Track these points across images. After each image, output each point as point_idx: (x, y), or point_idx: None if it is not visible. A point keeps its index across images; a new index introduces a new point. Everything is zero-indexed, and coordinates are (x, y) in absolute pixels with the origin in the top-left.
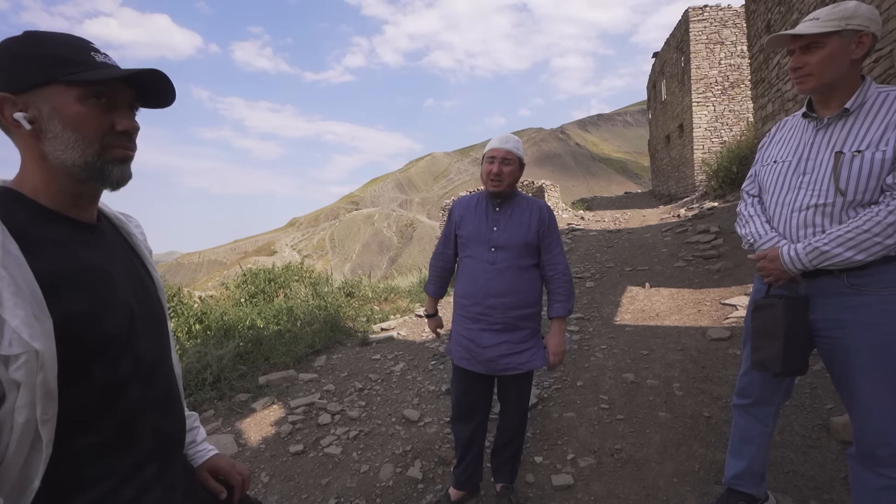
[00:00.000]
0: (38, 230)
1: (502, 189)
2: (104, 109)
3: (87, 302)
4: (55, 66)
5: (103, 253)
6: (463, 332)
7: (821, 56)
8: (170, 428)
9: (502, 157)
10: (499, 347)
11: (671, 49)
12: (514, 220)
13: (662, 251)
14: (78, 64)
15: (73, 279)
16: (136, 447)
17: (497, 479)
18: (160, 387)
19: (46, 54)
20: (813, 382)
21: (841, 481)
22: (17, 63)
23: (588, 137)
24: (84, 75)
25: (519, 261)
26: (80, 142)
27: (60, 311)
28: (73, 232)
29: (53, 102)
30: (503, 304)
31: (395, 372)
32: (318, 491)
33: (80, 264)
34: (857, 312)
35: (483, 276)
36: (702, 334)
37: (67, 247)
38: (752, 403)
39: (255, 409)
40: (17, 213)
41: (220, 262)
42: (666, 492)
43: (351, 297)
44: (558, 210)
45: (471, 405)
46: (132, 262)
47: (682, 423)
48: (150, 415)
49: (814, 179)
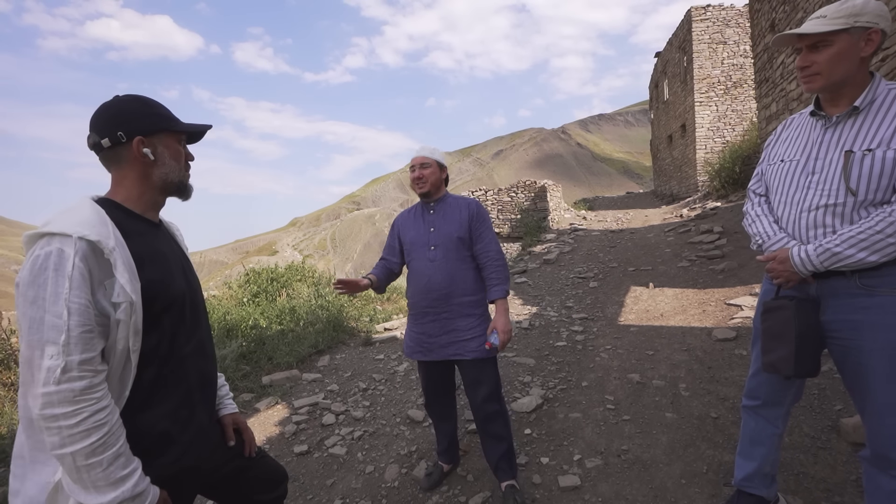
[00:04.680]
0: (129, 225)
1: (427, 189)
2: (183, 147)
3: (160, 273)
4: (164, 121)
5: (164, 243)
6: (415, 328)
7: (828, 54)
8: (207, 370)
9: (420, 163)
10: (449, 335)
11: (673, 49)
12: (447, 219)
13: (666, 251)
14: (174, 120)
15: (150, 258)
16: (186, 380)
17: (499, 478)
18: (201, 339)
19: (159, 113)
20: (821, 383)
21: (852, 483)
22: (142, 117)
23: (589, 137)
24: (179, 126)
25: (456, 253)
26: (177, 168)
27: (145, 278)
28: (148, 227)
29: (165, 143)
30: (445, 294)
31: (398, 372)
32: (324, 491)
33: (154, 248)
34: (869, 314)
35: (426, 273)
36: (707, 335)
37: (145, 237)
38: (762, 405)
39: (259, 409)
40: (116, 213)
41: (221, 261)
42: (674, 493)
43: (353, 296)
44: (560, 210)
45: (433, 390)
46: (179, 252)
47: (689, 423)
48: (195, 358)
49: (823, 179)
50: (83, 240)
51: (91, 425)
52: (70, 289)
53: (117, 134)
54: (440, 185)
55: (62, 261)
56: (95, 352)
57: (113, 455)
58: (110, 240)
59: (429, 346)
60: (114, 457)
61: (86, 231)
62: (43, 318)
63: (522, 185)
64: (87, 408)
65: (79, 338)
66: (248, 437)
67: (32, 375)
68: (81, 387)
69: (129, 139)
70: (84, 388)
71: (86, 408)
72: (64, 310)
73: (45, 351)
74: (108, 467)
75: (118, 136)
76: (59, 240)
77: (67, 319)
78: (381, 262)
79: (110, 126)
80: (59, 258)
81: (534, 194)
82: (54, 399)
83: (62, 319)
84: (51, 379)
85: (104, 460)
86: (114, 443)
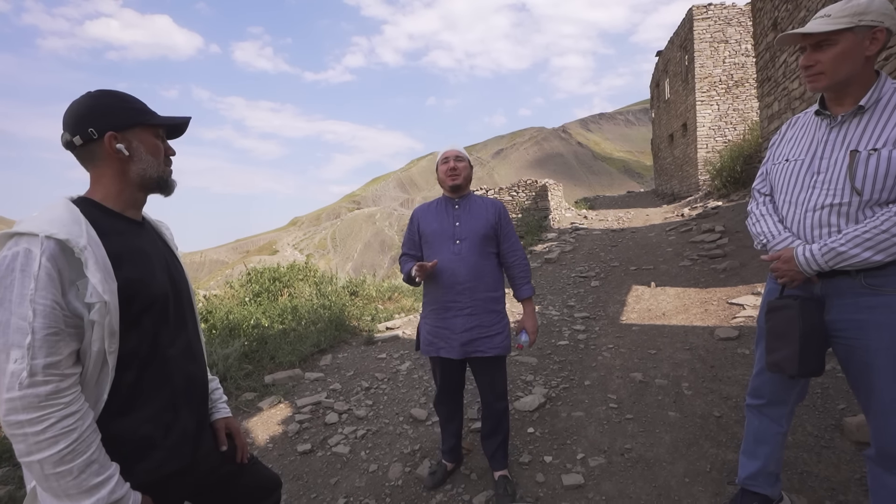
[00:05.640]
0: (107, 223)
1: (460, 182)
2: (162, 141)
3: (139, 272)
4: (138, 115)
5: (147, 242)
6: (436, 323)
7: (833, 54)
8: (195, 373)
9: (455, 156)
10: (471, 332)
11: (675, 47)
12: (473, 215)
13: (667, 250)
14: (149, 113)
15: (129, 256)
16: (170, 383)
17: (493, 466)
18: (187, 341)
19: (133, 107)
20: (824, 382)
21: (856, 482)
22: (114, 112)
23: (590, 136)
24: (154, 119)
25: (480, 249)
26: (155, 163)
27: (122, 277)
28: (128, 226)
29: (140, 137)
30: (470, 289)
31: (401, 371)
32: (328, 490)
33: (133, 247)
34: (874, 313)
35: (450, 267)
36: (709, 334)
37: (125, 235)
38: (766, 404)
39: (262, 408)
40: (93, 212)
41: (221, 261)
42: (678, 492)
43: (355, 296)
44: (561, 209)
45: (450, 389)
46: (165, 251)
47: (693, 422)
48: (181, 360)
49: (828, 178)
50: (51, 239)
51: (58, 432)
52: (36, 289)
53: (88, 131)
54: (469, 181)
55: (29, 261)
56: (62, 355)
57: (84, 462)
58: (81, 238)
59: (452, 340)
60: (85, 464)
61: (54, 230)
62: (9, 320)
63: (523, 184)
64: (54, 413)
65: (43, 340)
66: (241, 442)
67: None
68: (47, 392)
69: (101, 135)
70: (50, 393)
71: (52, 413)
72: (29, 311)
73: (9, 354)
74: (79, 475)
75: (89, 132)
76: (26, 240)
77: (32, 321)
78: (406, 256)
79: (81, 123)
80: (26, 258)
81: (535, 193)
82: (18, 405)
83: (27, 322)
84: (14, 384)
85: (74, 468)
86: (84, 450)
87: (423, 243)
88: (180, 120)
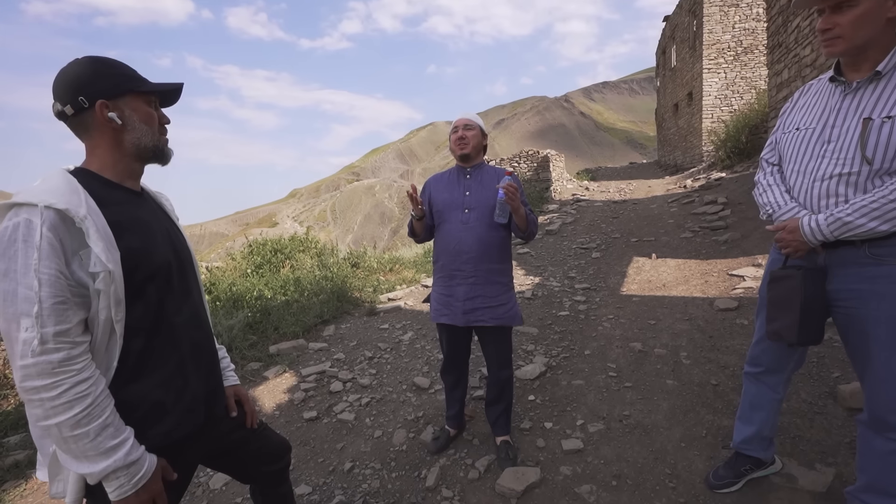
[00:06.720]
0: (105, 194)
1: (468, 151)
2: (155, 109)
3: (141, 241)
4: (129, 81)
5: (147, 212)
6: (442, 290)
7: (853, 16)
8: (202, 339)
9: (464, 125)
10: (474, 301)
11: (683, 12)
12: (484, 185)
13: (669, 222)
14: (139, 80)
15: (130, 226)
16: (178, 350)
17: (496, 432)
18: (192, 308)
19: (122, 73)
20: (820, 351)
21: (846, 446)
22: (103, 79)
23: (593, 106)
24: (146, 86)
25: (489, 219)
26: (150, 131)
27: (124, 247)
28: (128, 196)
29: (132, 105)
30: (474, 258)
31: (403, 341)
32: (334, 455)
33: (134, 217)
34: (876, 283)
35: (457, 235)
36: (709, 304)
37: (124, 205)
38: (764, 371)
39: (268, 377)
40: (92, 183)
41: (221, 233)
42: (674, 456)
43: (356, 267)
44: (563, 180)
45: (455, 356)
46: (166, 221)
47: (690, 390)
48: (187, 328)
49: (839, 147)
50: (50, 209)
51: (73, 397)
52: (39, 259)
53: (78, 99)
54: (480, 150)
55: (30, 231)
56: (71, 323)
57: (99, 426)
58: (81, 208)
59: (455, 308)
60: (101, 427)
61: (53, 200)
62: (16, 290)
63: (525, 154)
64: (68, 379)
65: (51, 309)
66: (250, 408)
67: (13, 349)
68: (59, 358)
69: (92, 104)
70: (62, 360)
71: (66, 379)
72: (35, 280)
73: (20, 323)
74: (95, 438)
75: (80, 101)
76: (26, 210)
77: (38, 290)
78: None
79: (70, 92)
80: (28, 228)
81: (536, 164)
82: (32, 371)
83: (33, 291)
84: (28, 351)
85: (90, 431)
86: (99, 414)
87: (433, 212)
88: (173, 86)
